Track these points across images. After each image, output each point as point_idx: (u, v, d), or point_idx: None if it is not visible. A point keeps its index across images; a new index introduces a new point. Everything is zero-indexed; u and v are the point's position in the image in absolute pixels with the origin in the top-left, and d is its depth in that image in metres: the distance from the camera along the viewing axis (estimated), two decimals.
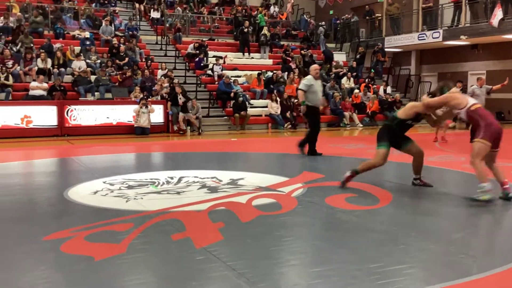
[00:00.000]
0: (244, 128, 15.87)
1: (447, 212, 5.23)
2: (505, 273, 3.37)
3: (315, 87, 9.19)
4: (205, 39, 19.97)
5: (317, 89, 9.22)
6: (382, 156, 5.92)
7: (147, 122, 14.20)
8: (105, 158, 9.59)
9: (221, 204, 5.40)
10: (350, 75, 19.52)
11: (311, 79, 9.24)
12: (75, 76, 15.35)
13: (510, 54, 19.26)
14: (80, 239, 4.13)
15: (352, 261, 3.61)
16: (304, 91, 9.15)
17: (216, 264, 3.53)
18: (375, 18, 22.97)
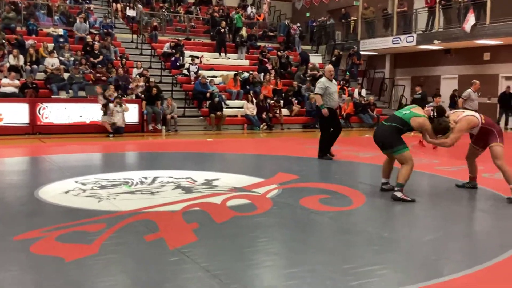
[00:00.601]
0: (220, 129, 15.83)
1: (420, 214, 5.30)
2: (476, 274, 3.42)
3: (331, 89, 8.92)
4: (182, 38, 19.86)
5: (332, 90, 8.95)
6: (411, 157, 5.70)
7: (121, 121, 14.04)
8: (78, 157, 9.45)
9: (195, 204, 5.36)
10: None
11: (325, 81, 8.97)
12: (48, 74, 15.09)
13: (482, 59, 19.66)
14: (51, 240, 4.05)
15: (326, 262, 3.62)
16: (320, 95, 8.86)
17: (189, 266, 3.50)
18: (350, 21, 23.20)
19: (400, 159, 5.69)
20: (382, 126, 5.94)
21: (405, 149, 5.70)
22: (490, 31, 17.03)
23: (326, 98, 8.90)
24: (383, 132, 5.83)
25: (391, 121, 5.79)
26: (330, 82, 9.00)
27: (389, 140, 5.72)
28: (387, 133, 5.77)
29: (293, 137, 14.48)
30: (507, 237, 4.42)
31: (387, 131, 5.79)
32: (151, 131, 14.79)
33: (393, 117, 5.84)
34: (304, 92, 18.31)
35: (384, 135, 5.79)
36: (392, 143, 5.70)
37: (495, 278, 3.39)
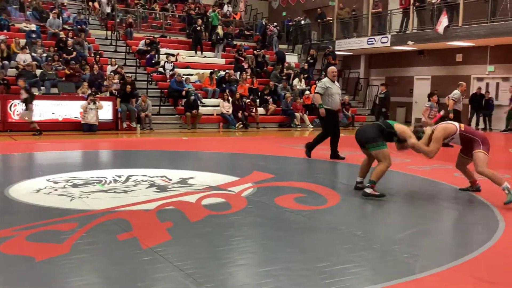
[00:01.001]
0: (195, 127, 15.76)
1: (392, 212, 5.37)
2: (447, 272, 3.48)
3: (332, 90, 8.88)
4: (157, 35, 19.70)
5: (333, 91, 8.91)
6: (389, 156, 5.74)
7: (95, 118, 13.86)
8: (50, 155, 9.29)
9: (170, 203, 5.33)
10: (301, 76, 19.75)
11: (327, 81, 8.97)
12: (20, 70, 14.78)
13: (454, 60, 20.03)
14: (21, 239, 3.97)
15: (301, 260, 3.63)
16: (320, 94, 8.85)
17: (163, 265, 3.47)
18: (326, 21, 23.36)
19: (378, 155, 5.73)
20: (364, 126, 6.19)
21: (385, 147, 5.74)
22: (463, 33, 17.35)
23: (327, 98, 8.87)
24: (365, 127, 6.05)
25: (380, 122, 6.10)
26: (332, 83, 8.97)
27: (370, 135, 5.77)
28: (369, 129, 5.94)
29: (269, 136, 14.51)
30: (477, 235, 4.50)
31: (369, 127, 6.00)
32: (126, 129, 14.64)
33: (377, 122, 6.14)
34: (280, 91, 18.36)
35: (366, 129, 5.95)
36: (373, 138, 5.74)
37: (465, 276, 3.45)
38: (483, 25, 16.88)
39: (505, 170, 7.38)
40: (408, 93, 21.83)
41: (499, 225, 4.69)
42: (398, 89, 22.46)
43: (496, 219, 4.95)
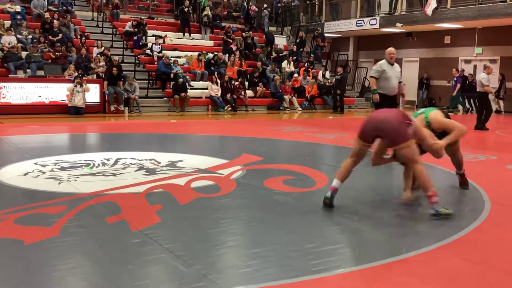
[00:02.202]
0: (184, 110, 15.69)
1: (380, 194, 5.42)
2: (433, 252, 3.54)
3: (388, 73, 8.06)
4: (144, 17, 19.47)
5: (390, 75, 8.08)
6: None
7: (82, 101, 13.73)
8: (37, 138, 9.21)
9: (159, 186, 5.33)
10: (290, 59, 19.68)
11: (383, 63, 8.15)
12: (5, 52, 14.56)
13: (443, 42, 20.07)
14: (9, 222, 3.96)
15: (289, 242, 3.67)
16: (375, 78, 8.13)
17: (152, 247, 3.49)
18: (315, 3, 23.23)
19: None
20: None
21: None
22: (451, 14, 17.37)
23: (382, 83, 8.12)
24: None
25: None
26: (389, 65, 8.15)
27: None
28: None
29: (258, 119, 14.50)
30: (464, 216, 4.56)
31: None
32: (113, 112, 14.53)
33: None
34: (268, 73, 18.30)
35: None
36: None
37: (451, 255, 3.50)
38: (471, 7, 16.91)
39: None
40: None
41: (484, 206, 4.76)
42: None
43: (482, 199, 5.02)
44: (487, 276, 3.17)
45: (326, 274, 3.11)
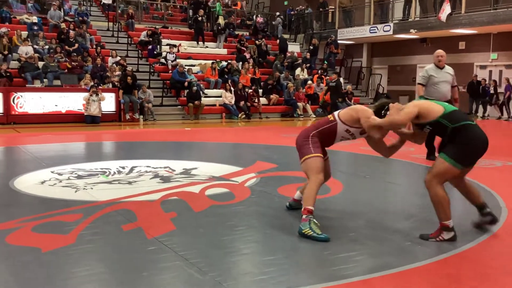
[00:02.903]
0: (198, 118, 15.77)
1: (395, 201, 5.39)
2: (450, 259, 3.50)
3: (436, 78, 7.33)
4: (159, 26, 19.65)
5: (438, 80, 7.32)
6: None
7: (97, 110, 13.88)
8: (54, 147, 9.32)
9: (174, 194, 5.36)
10: (304, 66, 19.70)
11: (430, 68, 7.45)
12: (22, 62, 14.80)
13: (457, 48, 19.94)
14: (26, 230, 4.01)
15: (304, 249, 3.66)
16: (422, 84, 7.41)
17: (167, 254, 3.51)
18: (328, 10, 23.25)
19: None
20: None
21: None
22: (465, 20, 17.27)
23: (430, 89, 7.37)
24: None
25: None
26: (437, 69, 7.39)
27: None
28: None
29: (272, 126, 14.51)
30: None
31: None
32: (129, 121, 14.66)
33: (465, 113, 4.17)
34: (282, 81, 18.33)
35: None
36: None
37: (468, 263, 3.47)
38: (486, 12, 16.79)
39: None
40: (411, 82, 21.75)
41: (501, 213, 4.70)
42: (401, 78, 22.42)
43: (499, 206, 4.96)
44: (505, 283, 3.13)
45: (341, 281, 3.10)
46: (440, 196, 3.82)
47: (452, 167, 3.78)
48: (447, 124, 3.80)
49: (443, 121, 3.82)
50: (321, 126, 4.32)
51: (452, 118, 3.82)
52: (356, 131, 4.27)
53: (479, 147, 3.83)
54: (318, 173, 4.13)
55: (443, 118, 3.82)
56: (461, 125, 3.79)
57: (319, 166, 4.16)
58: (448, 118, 3.81)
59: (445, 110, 3.86)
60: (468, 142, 3.78)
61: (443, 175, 3.83)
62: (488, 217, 4.09)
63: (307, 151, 4.22)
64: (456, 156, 3.77)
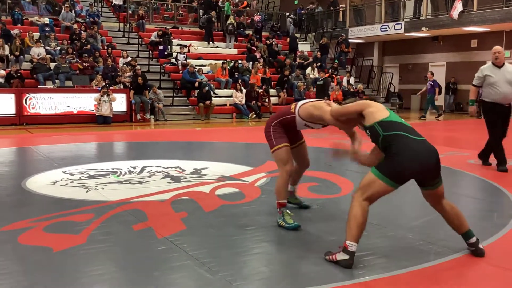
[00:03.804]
0: (209, 118, 15.79)
1: (406, 201, 5.34)
2: (462, 259, 3.47)
3: (494, 77, 6.58)
4: (169, 27, 19.71)
5: (495, 79, 6.56)
6: None
7: (108, 111, 13.95)
8: (65, 147, 9.38)
9: (184, 193, 5.37)
10: (315, 65, 19.65)
11: (485, 67, 6.78)
12: (34, 64, 14.92)
13: (469, 46, 19.78)
14: (38, 230, 4.04)
15: (314, 248, 3.64)
16: (476, 86, 6.85)
17: (178, 254, 3.51)
18: (339, 9, 23.17)
19: (442, 191, 3.62)
20: (429, 145, 3.48)
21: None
22: (477, 18, 17.11)
23: (487, 90, 6.70)
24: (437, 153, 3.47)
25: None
26: (495, 68, 6.64)
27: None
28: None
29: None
30: (493, 222, 4.47)
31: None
32: (139, 121, 14.72)
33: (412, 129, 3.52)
34: (293, 80, 18.29)
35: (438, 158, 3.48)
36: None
37: (481, 262, 3.43)
38: (498, 10, 16.63)
39: None
40: (422, 80, 21.62)
41: None
42: (412, 76, 22.29)
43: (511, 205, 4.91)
44: None
45: (352, 281, 3.08)
46: (353, 214, 3.35)
47: (378, 180, 3.33)
48: (380, 131, 3.42)
49: (377, 127, 3.44)
50: (282, 116, 4.30)
51: (387, 126, 3.41)
52: (316, 126, 4.24)
53: (410, 163, 3.28)
54: (285, 165, 4.18)
55: (379, 124, 3.43)
56: (392, 134, 3.36)
57: (284, 157, 4.19)
58: (383, 125, 3.42)
59: (387, 117, 3.45)
60: (395, 154, 3.32)
61: (367, 188, 3.37)
62: (472, 249, 3.56)
63: (271, 144, 4.26)
64: (382, 168, 3.35)
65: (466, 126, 14.91)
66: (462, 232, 3.59)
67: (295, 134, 4.47)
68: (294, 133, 4.43)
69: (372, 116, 3.49)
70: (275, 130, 4.27)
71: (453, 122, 16.67)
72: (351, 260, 3.26)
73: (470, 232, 3.58)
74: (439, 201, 3.60)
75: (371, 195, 3.37)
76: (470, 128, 14.50)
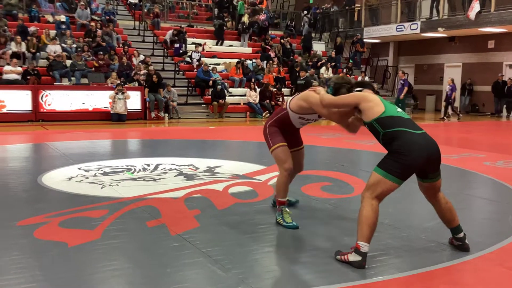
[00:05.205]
0: (222, 116, 15.83)
1: (420, 201, 5.31)
2: (475, 261, 3.45)
3: None
4: (184, 25, 19.78)
5: None
6: None
7: (123, 108, 14.05)
8: (81, 144, 9.48)
9: (197, 191, 5.40)
10: (329, 65, 19.59)
11: None
12: (50, 61, 15.08)
13: (486, 47, 19.57)
14: (54, 225, 4.09)
15: (326, 248, 3.65)
16: None
17: (191, 251, 3.54)
18: (354, 9, 23.06)
19: (440, 183, 3.64)
20: (429, 137, 3.46)
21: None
22: (495, 18, 16.92)
23: None
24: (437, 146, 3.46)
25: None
26: None
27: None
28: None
29: None
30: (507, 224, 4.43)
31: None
32: (154, 119, 14.80)
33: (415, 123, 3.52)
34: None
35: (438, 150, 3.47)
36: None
37: (494, 264, 3.41)
38: None
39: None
40: (438, 81, 21.47)
41: None
42: (428, 77, 22.11)
43: None
44: None
45: (365, 281, 3.08)
46: (364, 214, 3.35)
47: (383, 178, 3.32)
48: (379, 129, 3.39)
49: (375, 124, 3.40)
50: (276, 115, 4.36)
51: (386, 123, 3.37)
52: (311, 116, 4.21)
53: (413, 157, 3.27)
54: (284, 163, 4.21)
55: (376, 121, 3.40)
56: (392, 131, 3.34)
57: (281, 156, 4.23)
58: (381, 122, 3.38)
59: (383, 113, 3.41)
60: (399, 151, 3.29)
61: (375, 187, 3.36)
62: (459, 243, 3.63)
63: (268, 145, 4.32)
64: (386, 167, 3.33)
65: (481, 128, 14.78)
66: (452, 226, 3.64)
67: (296, 138, 4.56)
68: (294, 136, 4.52)
69: (370, 112, 3.43)
70: (271, 130, 4.34)
71: (469, 123, 16.52)
72: (363, 261, 3.26)
73: (459, 227, 3.63)
74: (435, 194, 3.62)
75: (379, 194, 3.37)
76: (486, 129, 14.38)
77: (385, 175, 3.32)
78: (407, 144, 3.29)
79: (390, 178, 3.32)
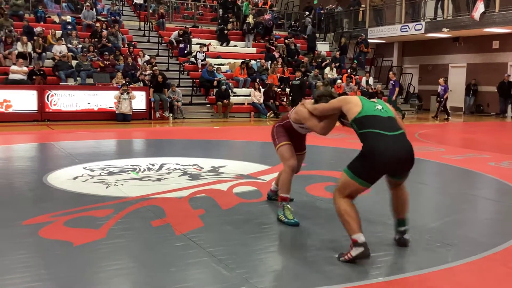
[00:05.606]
0: (227, 116, 15.85)
1: (424, 202, 5.32)
2: (479, 261, 3.45)
3: None
4: (189, 26, 19.82)
5: None
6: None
7: (128, 108, 14.10)
8: (86, 144, 9.52)
9: (202, 191, 5.41)
10: (333, 65, 19.59)
11: None
12: (56, 61, 15.14)
13: (491, 47, 19.52)
14: (59, 224, 4.11)
15: (331, 248, 3.66)
16: None
17: (195, 251, 3.55)
18: (358, 9, 23.04)
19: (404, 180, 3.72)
20: (403, 139, 3.46)
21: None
22: (499, 19, 16.88)
23: None
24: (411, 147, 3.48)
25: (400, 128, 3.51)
26: None
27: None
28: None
29: None
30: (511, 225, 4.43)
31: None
32: (159, 119, 14.84)
33: (394, 122, 3.53)
34: (311, 80, 18.26)
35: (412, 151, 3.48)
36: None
37: (498, 265, 3.41)
38: None
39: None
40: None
41: None
42: (432, 77, 22.05)
43: None
44: None
45: (367, 281, 3.09)
46: (342, 210, 3.39)
47: (351, 180, 3.36)
48: (356, 129, 3.46)
49: (354, 125, 3.47)
50: (283, 121, 4.61)
51: (360, 123, 3.41)
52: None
53: (378, 160, 3.28)
54: (288, 160, 4.39)
55: (354, 122, 3.45)
56: (364, 132, 3.36)
57: (286, 154, 4.43)
58: (357, 122, 3.43)
59: (359, 113, 3.44)
60: (365, 153, 3.35)
61: (343, 189, 3.42)
62: (398, 236, 3.69)
63: (274, 143, 4.57)
64: (353, 168, 3.38)
65: (486, 128, 14.74)
66: (399, 217, 3.71)
67: (300, 143, 4.70)
68: (299, 141, 4.66)
69: (350, 113, 3.53)
70: (277, 130, 4.58)
71: (473, 124, 16.48)
72: (366, 250, 3.28)
73: (405, 221, 3.70)
74: (397, 186, 3.72)
75: (348, 195, 3.46)
76: (490, 130, 14.34)
77: (352, 177, 3.39)
78: (373, 147, 3.34)
79: (357, 180, 3.37)
